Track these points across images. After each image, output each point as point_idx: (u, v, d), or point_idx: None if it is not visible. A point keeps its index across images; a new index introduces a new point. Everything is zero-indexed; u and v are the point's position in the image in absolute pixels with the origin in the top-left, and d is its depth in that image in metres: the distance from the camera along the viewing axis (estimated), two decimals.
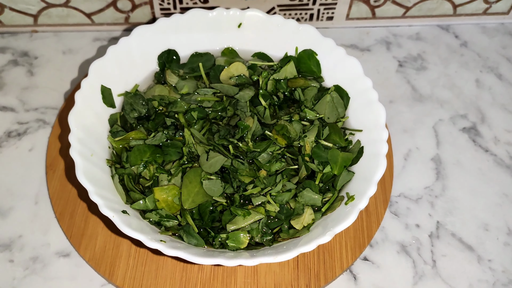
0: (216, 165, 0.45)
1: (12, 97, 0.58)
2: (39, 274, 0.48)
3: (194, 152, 0.46)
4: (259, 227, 0.43)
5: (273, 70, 0.53)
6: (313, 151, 0.47)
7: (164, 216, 0.43)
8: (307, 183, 0.45)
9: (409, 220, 0.52)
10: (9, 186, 0.52)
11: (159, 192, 0.44)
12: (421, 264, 0.49)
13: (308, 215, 0.44)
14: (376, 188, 0.42)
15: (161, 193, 0.44)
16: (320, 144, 0.47)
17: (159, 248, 0.38)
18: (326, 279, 0.47)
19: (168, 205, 0.44)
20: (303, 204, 0.45)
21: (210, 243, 0.43)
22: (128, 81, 0.51)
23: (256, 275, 0.47)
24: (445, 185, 0.54)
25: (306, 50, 0.52)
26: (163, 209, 0.44)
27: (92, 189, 0.40)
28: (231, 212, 0.44)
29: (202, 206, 0.44)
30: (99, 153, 0.46)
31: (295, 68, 0.52)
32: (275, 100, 0.51)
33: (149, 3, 0.61)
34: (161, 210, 0.43)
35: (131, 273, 0.47)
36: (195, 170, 0.45)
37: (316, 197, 0.45)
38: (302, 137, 0.48)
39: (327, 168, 0.46)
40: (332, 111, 0.50)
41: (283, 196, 0.45)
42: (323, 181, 0.46)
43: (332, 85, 0.51)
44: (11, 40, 0.63)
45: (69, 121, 0.43)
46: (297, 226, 0.44)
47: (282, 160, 0.46)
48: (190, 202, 0.44)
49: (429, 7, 0.64)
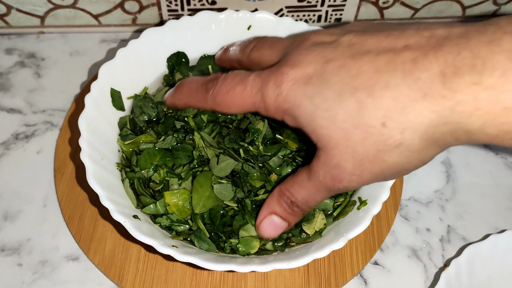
0: (227, 169, 0.45)
1: (20, 99, 0.58)
2: (48, 278, 0.47)
3: (204, 156, 0.46)
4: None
5: None
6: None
7: (175, 221, 0.43)
8: None
9: (419, 224, 0.52)
10: (17, 189, 0.52)
11: (170, 196, 0.43)
12: (432, 269, 0.49)
13: (320, 219, 0.44)
14: (389, 193, 0.41)
15: (171, 197, 0.43)
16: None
17: (171, 254, 0.38)
18: (337, 284, 0.46)
19: (178, 210, 0.43)
20: (314, 208, 0.44)
21: (221, 247, 0.43)
22: (137, 83, 0.50)
23: (267, 279, 0.46)
24: (456, 189, 0.54)
25: None
26: (173, 213, 0.43)
27: (103, 193, 0.40)
28: (242, 217, 0.43)
29: (213, 210, 0.44)
30: (109, 157, 0.45)
31: None
32: None
33: (157, 4, 0.60)
34: (171, 215, 0.43)
35: (141, 277, 0.46)
36: (206, 174, 0.45)
37: (328, 202, 0.44)
38: None
39: None
40: None
41: None
42: None
43: None
44: (18, 41, 0.62)
45: (79, 124, 0.43)
46: (309, 231, 0.43)
47: (293, 164, 0.46)
48: (201, 206, 0.43)
49: (438, 8, 0.64)
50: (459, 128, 0.30)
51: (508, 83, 0.27)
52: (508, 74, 0.27)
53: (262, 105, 0.37)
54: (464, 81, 0.28)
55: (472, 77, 0.28)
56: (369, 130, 0.32)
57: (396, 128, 0.31)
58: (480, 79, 0.28)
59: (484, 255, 0.47)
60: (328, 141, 0.34)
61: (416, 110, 0.30)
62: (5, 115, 0.57)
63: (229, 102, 0.39)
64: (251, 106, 0.38)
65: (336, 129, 0.33)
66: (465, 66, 0.28)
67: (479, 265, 0.46)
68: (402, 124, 0.31)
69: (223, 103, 0.40)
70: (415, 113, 0.30)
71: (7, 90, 0.59)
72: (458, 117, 0.29)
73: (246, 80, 0.38)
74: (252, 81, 0.38)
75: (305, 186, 0.37)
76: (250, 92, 0.38)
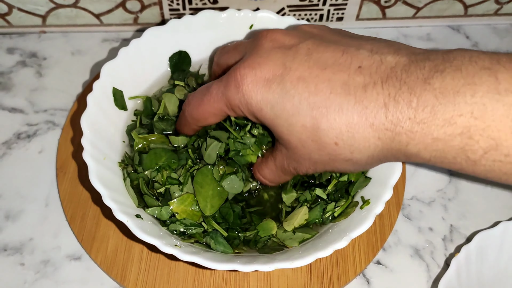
0: (212, 153, 0.45)
1: (21, 99, 0.58)
2: (50, 277, 0.47)
3: (196, 146, 0.46)
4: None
5: None
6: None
7: (188, 225, 0.43)
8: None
9: (422, 223, 0.51)
10: (19, 189, 0.52)
11: (176, 205, 0.43)
12: (435, 268, 0.49)
13: (302, 214, 0.44)
14: (392, 192, 0.41)
15: (178, 206, 0.43)
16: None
17: (174, 253, 0.38)
18: (339, 283, 0.46)
19: (188, 215, 0.43)
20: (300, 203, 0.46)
21: (241, 241, 0.44)
22: (139, 82, 0.50)
23: (269, 279, 0.46)
24: (458, 188, 0.54)
25: None
26: (186, 218, 0.43)
27: (106, 193, 0.40)
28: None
29: (223, 208, 0.44)
30: (111, 156, 0.45)
31: None
32: None
33: (158, 3, 0.60)
34: (184, 220, 0.43)
35: (143, 277, 0.46)
36: (201, 172, 0.44)
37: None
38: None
39: (343, 177, 0.45)
40: None
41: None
42: (337, 187, 0.46)
43: None
44: (20, 40, 0.62)
45: (82, 124, 0.43)
46: (288, 227, 0.44)
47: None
48: (210, 208, 0.43)
49: (440, 7, 0.64)
50: (399, 152, 0.34)
51: (436, 118, 0.32)
52: (435, 110, 0.32)
53: (231, 108, 0.40)
54: (402, 115, 0.33)
55: (408, 112, 0.32)
56: (323, 145, 0.36)
57: (346, 149, 0.35)
58: (414, 114, 0.32)
59: (494, 241, 0.47)
60: (288, 144, 0.38)
61: (364, 137, 0.34)
62: (7, 115, 0.57)
63: (202, 114, 0.42)
64: (222, 111, 0.41)
65: (294, 137, 0.37)
66: (403, 101, 0.32)
67: (489, 251, 0.47)
68: (351, 147, 0.35)
69: (199, 117, 0.43)
70: (363, 140, 0.34)
71: (9, 90, 0.58)
72: (397, 145, 0.34)
73: (210, 89, 0.41)
74: (215, 88, 0.40)
75: (273, 171, 0.43)
76: (216, 98, 0.40)
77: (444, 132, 0.32)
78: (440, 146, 0.33)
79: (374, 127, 0.34)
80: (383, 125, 0.33)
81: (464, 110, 0.31)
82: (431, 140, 0.33)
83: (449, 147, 0.32)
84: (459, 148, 0.32)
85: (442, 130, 0.32)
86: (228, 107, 0.40)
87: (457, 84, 0.31)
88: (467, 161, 0.33)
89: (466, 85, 0.31)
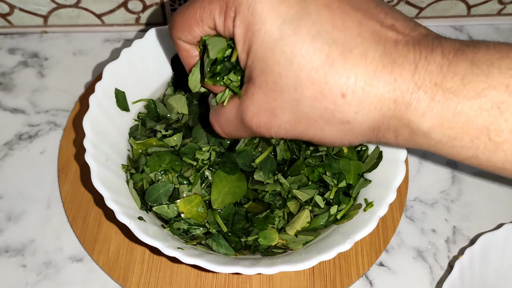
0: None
1: (23, 99, 0.58)
2: (52, 279, 0.47)
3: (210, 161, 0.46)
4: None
5: None
6: (325, 162, 0.46)
7: (192, 224, 0.43)
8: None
9: (425, 225, 0.51)
10: (21, 190, 0.52)
11: (183, 204, 0.43)
12: (438, 270, 0.49)
13: (304, 218, 0.44)
14: (395, 194, 0.41)
15: (185, 205, 0.43)
16: (330, 155, 0.47)
17: (176, 256, 0.38)
18: (342, 285, 0.46)
19: (193, 215, 0.44)
20: (303, 206, 0.45)
21: (242, 245, 0.43)
22: (141, 83, 0.50)
23: (272, 281, 0.46)
24: (461, 189, 0.54)
25: None
26: (190, 218, 0.43)
27: (108, 195, 0.40)
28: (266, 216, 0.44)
29: (227, 208, 0.44)
30: (114, 158, 0.45)
31: None
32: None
33: (160, 4, 0.60)
34: (189, 219, 0.43)
35: (145, 279, 0.46)
36: (228, 168, 0.45)
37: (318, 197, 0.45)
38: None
39: (342, 182, 0.45)
40: None
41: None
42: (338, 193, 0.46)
43: None
44: (21, 41, 0.62)
45: (84, 125, 0.43)
46: (290, 231, 0.44)
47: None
48: (220, 202, 0.44)
49: (442, 7, 0.63)
50: (406, 126, 0.30)
51: (465, 89, 0.28)
52: (466, 80, 0.28)
53: (224, 12, 0.32)
54: (430, 78, 0.29)
55: (436, 77, 0.29)
56: (325, 93, 0.29)
57: (352, 105, 0.30)
58: (442, 81, 0.29)
59: (498, 243, 0.47)
60: (275, 81, 0.30)
61: (379, 95, 0.29)
62: (8, 115, 0.57)
63: (186, 20, 0.34)
64: (210, 18, 0.33)
65: (291, 73, 0.29)
66: (434, 63, 0.29)
67: (493, 253, 0.47)
68: (360, 105, 0.29)
69: (182, 23, 0.35)
70: (377, 98, 0.29)
71: (10, 90, 0.58)
72: (411, 114, 0.29)
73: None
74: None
75: (232, 122, 0.35)
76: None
77: (470, 106, 0.28)
78: (460, 124, 0.29)
79: (395, 84, 0.29)
80: (406, 85, 0.29)
81: (498, 82, 0.28)
82: (452, 115, 0.29)
83: (471, 125, 0.29)
84: (483, 127, 0.28)
85: (468, 104, 0.28)
86: (222, 10, 0.32)
87: (491, 58, 0.29)
88: (486, 145, 0.29)
89: (501, 59, 0.28)
